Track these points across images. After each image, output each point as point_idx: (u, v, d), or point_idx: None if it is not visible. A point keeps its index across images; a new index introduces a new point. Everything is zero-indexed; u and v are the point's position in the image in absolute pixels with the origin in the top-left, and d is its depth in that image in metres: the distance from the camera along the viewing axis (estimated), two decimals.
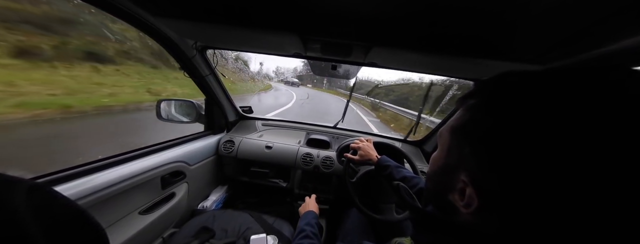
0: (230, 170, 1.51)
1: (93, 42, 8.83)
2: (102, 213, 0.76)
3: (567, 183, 0.19)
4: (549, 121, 0.20)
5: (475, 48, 0.65)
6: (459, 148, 0.28)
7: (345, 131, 1.68)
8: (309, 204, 0.99)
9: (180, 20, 0.71)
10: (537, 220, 0.21)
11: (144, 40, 8.61)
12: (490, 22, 0.52)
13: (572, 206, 0.19)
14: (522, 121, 0.21)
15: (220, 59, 1.23)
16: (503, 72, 0.27)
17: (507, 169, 0.22)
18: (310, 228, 0.79)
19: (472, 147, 0.26)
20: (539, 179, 0.20)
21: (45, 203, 0.28)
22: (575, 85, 0.21)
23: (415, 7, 0.50)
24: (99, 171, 0.77)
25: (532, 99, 0.22)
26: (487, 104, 0.26)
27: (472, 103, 0.28)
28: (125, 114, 5.32)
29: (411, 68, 1.03)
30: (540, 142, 0.20)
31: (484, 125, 0.25)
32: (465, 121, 0.28)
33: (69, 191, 0.65)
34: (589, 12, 0.44)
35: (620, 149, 0.17)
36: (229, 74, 5.38)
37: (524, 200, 0.21)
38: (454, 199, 0.28)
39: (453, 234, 0.29)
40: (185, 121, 1.35)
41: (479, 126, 0.26)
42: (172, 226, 1.09)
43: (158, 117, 1.24)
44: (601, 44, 0.53)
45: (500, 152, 0.23)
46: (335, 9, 0.56)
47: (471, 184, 0.26)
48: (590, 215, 0.18)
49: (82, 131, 4.04)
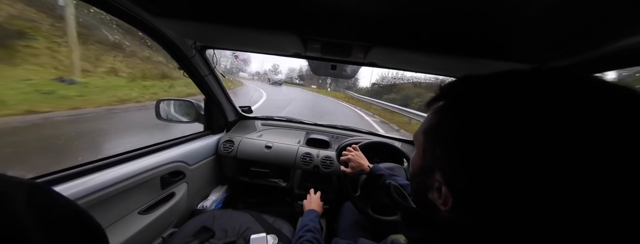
0: (230, 170, 1.51)
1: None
2: (101, 212, 0.76)
3: (526, 182, 0.20)
4: (507, 124, 0.21)
5: (475, 48, 0.65)
6: (432, 149, 0.29)
7: (346, 130, 1.68)
8: (312, 201, 1.00)
9: (180, 20, 0.71)
10: (505, 216, 0.22)
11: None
12: (490, 22, 0.52)
13: (533, 203, 0.20)
14: (485, 124, 0.22)
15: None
16: (465, 75, 0.28)
17: (475, 169, 0.23)
18: (313, 223, 0.81)
19: (443, 148, 0.27)
20: (504, 179, 0.21)
21: (45, 203, 0.28)
22: (529, 89, 0.22)
23: (415, 7, 0.50)
24: (99, 171, 0.77)
25: (492, 103, 0.23)
26: (451, 107, 0.28)
27: (439, 106, 0.30)
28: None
29: (411, 68, 1.03)
30: (500, 144, 0.21)
31: (452, 128, 0.26)
32: (435, 124, 0.29)
33: (69, 191, 0.65)
34: (589, 12, 0.44)
35: (570, 150, 0.18)
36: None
37: (492, 198, 0.22)
38: (433, 197, 0.29)
39: (437, 229, 0.31)
40: (184, 121, 1.35)
41: (446, 128, 0.27)
42: (171, 226, 1.09)
43: (157, 117, 1.24)
44: (601, 44, 0.53)
45: (467, 153, 0.23)
46: (335, 9, 0.56)
47: (445, 183, 0.27)
48: (549, 210, 0.19)
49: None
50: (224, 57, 26.29)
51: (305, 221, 0.82)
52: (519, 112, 0.21)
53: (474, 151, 0.23)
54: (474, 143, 0.23)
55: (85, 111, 4.59)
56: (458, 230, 0.28)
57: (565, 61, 0.64)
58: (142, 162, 0.91)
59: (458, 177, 0.25)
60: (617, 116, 0.19)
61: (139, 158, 0.93)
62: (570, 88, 0.21)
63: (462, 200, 0.26)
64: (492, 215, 0.23)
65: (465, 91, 0.27)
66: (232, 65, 29.85)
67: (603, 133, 0.18)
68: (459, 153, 0.25)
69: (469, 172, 0.23)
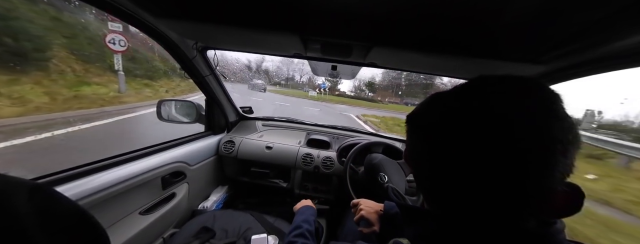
0: (231, 170, 1.51)
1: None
2: (102, 213, 0.77)
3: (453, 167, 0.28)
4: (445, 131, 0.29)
5: (475, 48, 0.65)
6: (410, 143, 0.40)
7: (346, 131, 1.68)
8: (302, 202, 0.94)
9: (181, 21, 0.71)
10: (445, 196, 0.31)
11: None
12: (491, 22, 0.52)
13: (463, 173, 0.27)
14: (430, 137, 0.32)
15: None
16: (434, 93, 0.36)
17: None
18: (307, 225, 0.73)
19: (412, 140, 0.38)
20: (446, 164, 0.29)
21: (47, 203, 0.28)
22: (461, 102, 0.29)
23: (415, 8, 0.50)
24: (100, 172, 0.77)
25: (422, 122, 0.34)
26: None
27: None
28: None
29: (412, 68, 1.02)
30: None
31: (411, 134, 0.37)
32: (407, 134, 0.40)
33: (70, 191, 0.66)
34: (589, 12, 0.44)
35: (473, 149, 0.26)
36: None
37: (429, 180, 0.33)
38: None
39: (432, 221, 0.36)
40: (185, 122, 1.35)
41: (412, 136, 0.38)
42: (172, 226, 1.09)
43: (159, 118, 1.25)
44: (601, 44, 0.52)
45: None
46: (336, 9, 0.56)
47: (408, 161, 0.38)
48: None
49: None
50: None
51: (299, 222, 0.74)
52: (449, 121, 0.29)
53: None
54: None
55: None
56: (443, 220, 0.33)
57: (566, 61, 0.64)
58: (143, 163, 0.91)
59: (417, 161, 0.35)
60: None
61: (140, 159, 0.93)
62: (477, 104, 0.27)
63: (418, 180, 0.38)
64: (441, 200, 0.32)
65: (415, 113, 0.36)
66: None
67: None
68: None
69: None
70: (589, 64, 0.62)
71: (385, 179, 1.02)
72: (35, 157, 2.48)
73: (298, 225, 0.73)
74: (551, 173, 0.24)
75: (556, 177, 0.25)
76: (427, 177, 0.34)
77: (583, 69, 0.64)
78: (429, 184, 0.34)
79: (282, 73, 43.03)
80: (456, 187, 0.28)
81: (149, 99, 5.96)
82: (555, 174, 0.25)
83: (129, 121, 4.39)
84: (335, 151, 1.43)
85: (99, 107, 4.62)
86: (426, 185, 0.34)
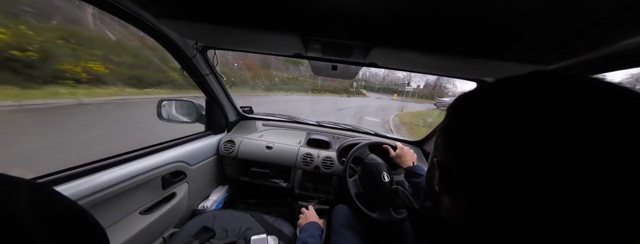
0: (231, 170, 1.51)
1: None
2: (102, 213, 0.77)
3: (520, 180, 0.20)
4: (505, 130, 0.22)
5: (476, 48, 0.65)
6: (443, 145, 0.33)
7: (346, 130, 1.68)
8: (309, 215, 0.98)
9: (182, 21, 0.71)
10: (498, 213, 0.23)
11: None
12: (491, 22, 0.52)
13: (526, 201, 0.20)
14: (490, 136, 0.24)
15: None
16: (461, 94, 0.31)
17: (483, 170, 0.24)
18: (313, 240, 0.76)
19: (447, 142, 0.31)
20: (503, 177, 0.22)
21: (46, 203, 0.28)
22: (524, 95, 0.23)
23: (416, 8, 0.50)
24: (100, 171, 0.77)
25: (487, 115, 0.25)
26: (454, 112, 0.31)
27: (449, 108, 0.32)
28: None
29: (412, 68, 1.02)
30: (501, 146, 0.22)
31: (457, 128, 0.29)
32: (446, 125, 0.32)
33: (70, 191, 0.66)
34: (589, 13, 0.44)
35: (565, 151, 0.19)
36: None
37: (488, 194, 0.24)
38: (435, 184, 0.32)
39: (441, 227, 0.31)
40: (185, 121, 1.35)
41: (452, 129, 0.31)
42: (172, 226, 1.09)
43: (159, 117, 1.24)
44: (601, 44, 0.52)
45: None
46: (336, 9, 0.56)
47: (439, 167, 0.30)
48: (543, 208, 0.20)
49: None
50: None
51: (305, 238, 0.76)
52: (513, 118, 0.22)
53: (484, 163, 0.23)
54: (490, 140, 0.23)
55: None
56: (459, 228, 0.29)
57: (566, 61, 0.64)
58: (143, 163, 0.91)
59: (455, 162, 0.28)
60: (612, 116, 0.19)
61: (140, 158, 0.93)
62: (567, 90, 0.21)
63: (450, 182, 0.29)
64: (484, 211, 0.25)
65: (468, 98, 0.29)
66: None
67: (598, 133, 0.18)
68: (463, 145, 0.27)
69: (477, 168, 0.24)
70: (590, 64, 0.61)
71: (387, 179, 1.02)
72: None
73: (304, 242, 0.76)
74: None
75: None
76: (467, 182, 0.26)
77: (583, 69, 0.64)
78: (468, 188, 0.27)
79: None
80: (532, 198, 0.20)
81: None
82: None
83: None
84: (336, 151, 1.43)
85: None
86: (463, 189, 0.27)
